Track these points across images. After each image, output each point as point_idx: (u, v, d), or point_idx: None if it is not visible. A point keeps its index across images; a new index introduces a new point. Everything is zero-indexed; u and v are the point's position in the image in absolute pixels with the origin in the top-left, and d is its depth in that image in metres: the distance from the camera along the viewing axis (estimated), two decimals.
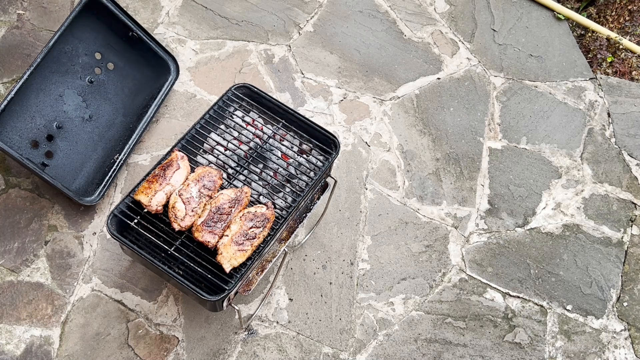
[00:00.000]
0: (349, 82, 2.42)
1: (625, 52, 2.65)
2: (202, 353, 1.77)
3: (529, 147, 2.35)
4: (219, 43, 2.44)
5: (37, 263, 1.85)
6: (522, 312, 1.97)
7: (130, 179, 2.06)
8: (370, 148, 2.25)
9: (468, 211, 2.16)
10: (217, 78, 2.34)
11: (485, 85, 2.50)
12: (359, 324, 1.89)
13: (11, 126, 1.77)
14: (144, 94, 2.14)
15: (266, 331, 1.83)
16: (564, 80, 2.56)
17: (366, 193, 2.14)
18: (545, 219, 2.18)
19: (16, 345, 1.72)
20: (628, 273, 2.10)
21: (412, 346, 1.87)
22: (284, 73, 2.40)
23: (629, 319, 2.01)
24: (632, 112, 2.50)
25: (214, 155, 1.57)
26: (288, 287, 1.92)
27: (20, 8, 2.38)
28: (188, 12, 2.51)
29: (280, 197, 1.53)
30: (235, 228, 1.40)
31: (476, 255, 2.07)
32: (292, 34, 2.52)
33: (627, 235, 2.18)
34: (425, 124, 2.35)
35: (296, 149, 1.63)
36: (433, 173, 2.23)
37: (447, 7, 2.74)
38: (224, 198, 1.44)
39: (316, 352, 1.82)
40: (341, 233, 2.04)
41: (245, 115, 1.65)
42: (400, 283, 1.97)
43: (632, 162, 2.36)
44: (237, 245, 1.37)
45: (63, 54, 1.91)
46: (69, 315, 1.78)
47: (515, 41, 2.66)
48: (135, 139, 2.05)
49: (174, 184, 1.45)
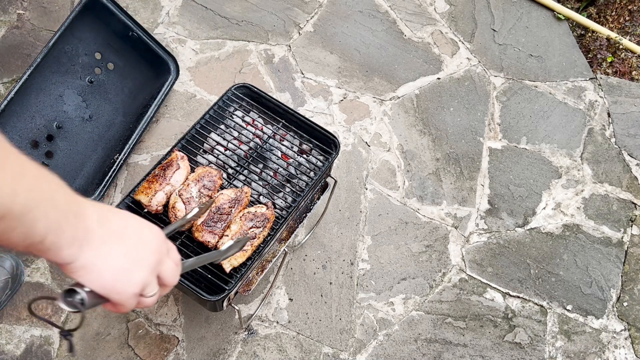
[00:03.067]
0: (349, 82, 2.42)
1: (625, 52, 2.65)
2: (202, 353, 1.77)
3: (529, 147, 2.35)
4: (219, 43, 2.44)
5: (37, 263, 1.85)
6: (522, 312, 1.97)
7: (130, 179, 2.05)
8: (370, 148, 2.25)
9: (468, 211, 2.16)
10: (217, 78, 2.34)
11: (485, 85, 2.50)
12: (359, 324, 1.89)
13: (11, 126, 1.77)
14: (144, 94, 2.14)
15: (266, 331, 1.83)
16: (564, 80, 2.56)
17: (366, 193, 2.14)
18: (545, 219, 2.18)
19: (16, 345, 1.72)
20: (628, 273, 2.10)
21: (412, 346, 1.87)
22: (284, 73, 2.40)
23: (629, 319, 2.01)
24: (632, 112, 2.50)
25: (214, 155, 1.57)
26: (288, 287, 1.92)
27: (20, 8, 2.38)
28: (188, 12, 2.51)
29: (280, 197, 1.53)
30: (235, 228, 1.40)
31: (476, 255, 2.07)
32: (292, 34, 2.52)
33: (627, 235, 2.18)
34: (425, 124, 2.35)
35: (296, 149, 1.62)
36: (433, 173, 2.23)
37: (447, 7, 2.74)
38: (224, 198, 1.43)
39: (316, 352, 1.82)
40: (341, 233, 2.04)
41: (245, 115, 1.65)
42: (400, 283, 1.97)
43: (632, 162, 2.36)
44: None
45: (63, 54, 1.91)
46: (69, 315, 1.78)
47: (515, 41, 2.66)
48: (135, 139, 2.05)
49: (174, 184, 1.45)
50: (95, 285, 0.64)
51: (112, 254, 0.64)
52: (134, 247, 0.67)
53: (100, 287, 0.65)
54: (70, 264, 0.62)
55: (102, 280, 0.64)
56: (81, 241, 0.61)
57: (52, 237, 0.57)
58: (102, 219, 0.65)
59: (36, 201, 0.54)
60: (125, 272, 0.66)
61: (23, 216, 0.53)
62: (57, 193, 0.58)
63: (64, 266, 0.62)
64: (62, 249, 0.59)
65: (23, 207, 0.52)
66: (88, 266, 0.63)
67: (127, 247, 0.66)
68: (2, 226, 0.52)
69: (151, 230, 0.71)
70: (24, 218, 0.53)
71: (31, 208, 0.54)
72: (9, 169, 0.53)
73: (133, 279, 0.67)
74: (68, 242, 0.59)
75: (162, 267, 0.72)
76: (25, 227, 0.54)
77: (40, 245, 0.57)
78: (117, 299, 0.67)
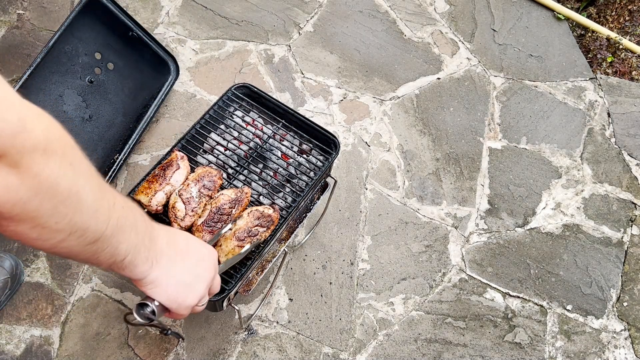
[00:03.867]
0: (349, 82, 2.42)
1: (625, 52, 2.65)
2: (202, 353, 1.77)
3: (529, 147, 2.35)
4: (219, 43, 2.44)
5: (37, 263, 1.85)
6: (522, 312, 1.97)
7: (130, 179, 2.05)
8: (370, 148, 2.25)
9: (468, 211, 2.16)
10: (217, 78, 2.34)
11: (485, 85, 2.50)
12: (359, 324, 1.89)
13: None
14: (144, 94, 2.14)
15: (266, 331, 1.83)
16: (564, 80, 2.56)
17: (366, 193, 2.14)
18: (545, 219, 2.18)
19: (16, 345, 1.72)
20: (628, 273, 2.10)
21: (412, 346, 1.87)
22: (284, 73, 2.40)
23: (629, 319, 2.01)
24: (632, 112, 2.50)
25: (214, 155, 1.57)
26: (288, 287, 1.92)
27: (20, 8, 2.38)
28: (188, 12, 2.51)
29: (280, 197, 1.53)
30: (241, 223, 1.39)
31: (476, 255, 2.07)
32: (292, 34, 2.52)
33: (627, 235, 2.18)
34: (425, 124, 2.35)
35: (296, 149, 1.62)
36: (433, 173, 2.23)
37: (447, 7, 2.74)
38: (224, 198, 1.43)
39: (316, 352, 1.82)
40: (341, 233, 2.04)
41: (245, 115, 1.65)
42: (400, 283, 1.97)
43: (632, 162, 2.36)
44: (238, 240, 1.37)
45: (63, 54, 1.91)
46: (69, 315, 1.78)
47: (515, 41, 2.66)
48: (135, 139, 2.05)
49: (174, 184, 1.45)
50: (161, 298, 0.75)
51: (177, 270, 0.75)
52: (196, 265, 0.79)
53: (166, 299, 0.76)
54: (142, 280, 0.72)
55: (167, 294, 0.75)
56: (152, 260, 0.72)
57: (131, 256, 0.67)
58: (170, 241, 0.75)
59: (123, 227, 0.64)
60: (187, 287, 0.77)
61: (112, 238, 0.62)
62: (138, 220, 0.69)
63: (137, 281, 0.73)
64: (137, 266, 0.69)
65: (113, 231, 0.62)
66: (156, 281, 0.73)
67: (190, 264, 0.78)
68: (95, 247, 0.61)
69: (208, 250, 0.83)
70: (113, 240, 0.63)
71: (119, 232, 0.63)
72: (105, 200, 0.62)
73: (193, 293, 0.78)
74: (142, 261, 0.70)
75: (214, 281, 0.84)
76: (112, 247, 0.63)
77: (121, 264, 0.67)
78: (177, 309, 0.77)
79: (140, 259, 0.69)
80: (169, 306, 0.77)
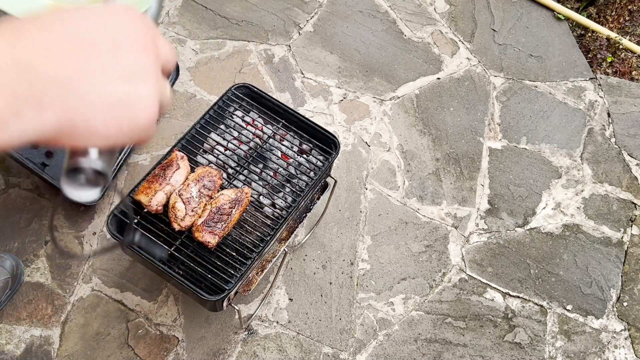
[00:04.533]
0: (349, 82, 2.42)
1: (625, 52, 2.65)
2: (202, 353, 1.77)
3: (529, 147, 2.35)
4: (219, 43, 2.44)
5: (37, 263, 1.85)
6: (522, 312, 1.97)
7: (130, 178, 2.05)
8: (370, 148, 2.25)
9: (468, 211, 2.16)
10: (217, 78, 2.34)
11: (485, 85, 2.50)
12: (359, 324, 1.89)
13: None
14: None
15: (266, 331, 1.83)
16: (564, 80, 2.56)
17: (366, 193, 2.14)
18: (545, 219, 2.18)
19: (16, 345, 1.72)
20: (628, 273, 2.10)
21: (412, 346, 1.87)
22: (284, 73, 2.40)
23: (629, 319, 2.01)
24: (632, 112, 2.50)
25: (214, 155, 1.57)
26: (288, 287, 1.92)
27: None
28: (188, 12, 2.51)
29: (280, 197, 1.53)
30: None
31: (476, 255, 2.07)
32: (292, 34, 2.52)
33: (627, 235, 2.18)
34: (425, 124, 2.35)
35: (296, 149, 1.62)
36: (433, 173, 2.23)
37: (447, 7, 2.74)
38: (224, 198, 1.43)
39: (316, 352, 1.82)
40: (341, 233, 2.04)
41: (245, 115, 1.65)
42: (400, 283, 1.97)
43: (632, 162, 2.36)
44: None
45: None
46: (69, 315, 1.78)
47: (515, 41, 2.66)
48: None
49: (174, 184, 1.45)
50: (94, 140, 0.43)
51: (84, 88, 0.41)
52: (114, 57, 0.42)
53: (102, 138, 0.43)
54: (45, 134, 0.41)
55: (98, 128, 0.42)
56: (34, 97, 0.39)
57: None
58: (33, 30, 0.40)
59: None
60: (123, 105, 0.43)
61: None
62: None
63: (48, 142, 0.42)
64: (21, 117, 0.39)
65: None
66: (64, 122, 0.41)
67: (102, 62, 0.42)
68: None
69: (119, 20, 0.44)
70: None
71: None
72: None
73: (139, 106, 0.44)
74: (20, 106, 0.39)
75: (160, 54, 0.47)
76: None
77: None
78: (129, 140, 0.46)
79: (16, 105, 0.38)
80: (111, 146, 0.45)
